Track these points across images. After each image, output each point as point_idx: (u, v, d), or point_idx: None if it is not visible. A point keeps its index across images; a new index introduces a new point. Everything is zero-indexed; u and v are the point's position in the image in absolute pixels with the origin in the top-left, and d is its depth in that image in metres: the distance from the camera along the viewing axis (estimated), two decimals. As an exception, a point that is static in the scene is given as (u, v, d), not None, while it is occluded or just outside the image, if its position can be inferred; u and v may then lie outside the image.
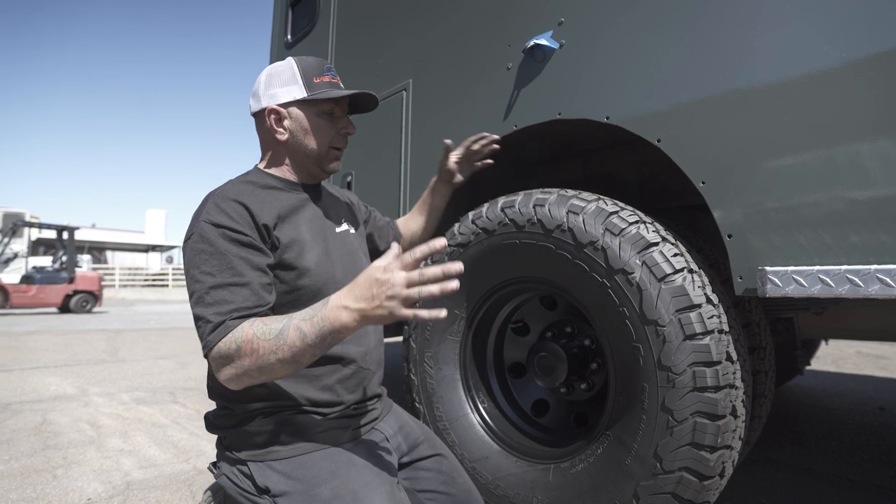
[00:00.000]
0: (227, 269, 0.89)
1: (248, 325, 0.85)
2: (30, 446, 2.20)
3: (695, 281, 1.03)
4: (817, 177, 0.92)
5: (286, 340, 0.80)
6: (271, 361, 0.81)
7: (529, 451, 1.31)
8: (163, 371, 4.14)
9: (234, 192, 0.96)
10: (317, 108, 1.05)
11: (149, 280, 24.50)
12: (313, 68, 1.05)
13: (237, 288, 0.88)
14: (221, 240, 0.90)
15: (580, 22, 1.31)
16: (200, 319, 0.87)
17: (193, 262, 0.90)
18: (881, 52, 0.86)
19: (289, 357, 0.81)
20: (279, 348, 0.81)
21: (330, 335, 0.79)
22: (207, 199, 0.97)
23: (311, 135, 1.05)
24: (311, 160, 1.07)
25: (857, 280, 0.85)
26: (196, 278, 0.89)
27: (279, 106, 1.03)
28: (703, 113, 1.07)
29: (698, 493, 0.99)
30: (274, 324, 0.83)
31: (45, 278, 11.11)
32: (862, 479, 1.88)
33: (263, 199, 0.98)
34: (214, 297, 0.87)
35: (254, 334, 0.82)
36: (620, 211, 1.13)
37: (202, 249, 0.90)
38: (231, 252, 0.90)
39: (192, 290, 0.89)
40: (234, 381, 0.86)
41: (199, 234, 0.91)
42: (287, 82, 1.04)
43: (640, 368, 1.03)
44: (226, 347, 0.83)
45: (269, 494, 0.92)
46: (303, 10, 2.62)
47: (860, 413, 2.80)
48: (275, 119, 1.04)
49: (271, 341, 0.81)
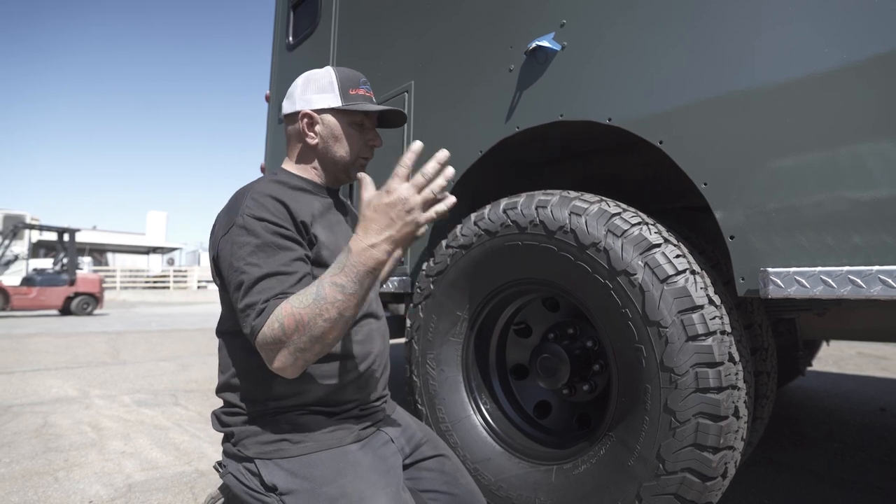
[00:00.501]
0: (273, 259, 0.90)
1: (280, 302, 0.85)
2: (31, 449, 2.20)
3: (697, 282, 1.04)
4: (819, 178, 0.92)
5: (326, 299, 0.81)
6: (320, 325, 0.81)
7: (532, 453, 1.31)
8: (164, 373, 4.14)
9: (270, 189, 0.98)
10: (349, 118, 1.08)
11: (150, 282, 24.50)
12: (350, 80, 1.09)
13: (284, 276, 0.89)
14: (266, 233, 0.91)
15: (582, 24, 1.31)
16: (249, 307, 0.87)
17: (238, 255, 0.90)
18: (882, 54, 0.86)
19: (335, 314, 0.81)
20: (323, 309, 0.81)
21: (367, 276, 0.82)
22: (242, 195, 0.98)
23: (341, 142, 1.08)
24: (338, 167, 1.10)
25: (858, 281, 0.85)
26: (242, 270, 0.89)
27: (313, 111, 1.06)
28: (705, 114, 1.07)
29: (701, 494, 0.99)
30: (308, 291, 0.83)
31: (45, 280, 11.11)
32: (864, 480, 1.88)
33: (296, 198, 1.01)
34: (263, 286, 0.87)
35: (291, 307, 0.82)
36: (623, 212, 1.13)
37: (247, 242, 0.90)
38: (276, 244, 0.91)
39: (239, 280, 0.89)
40: (291, 363, 0.84)
41: (241, 227, 0.91)
42: (323, 89, 1.07)
43: (642, 370, 1.03)
44: (269, 331, 0.83)
45: (277, 493, 0.92)
46: (304, 12, 2.63)
47: (861, 414, 2.80)
48: (307, 123, 1.07)
49: (311, 306, 0.81)
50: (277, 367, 0.85)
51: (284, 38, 2.78)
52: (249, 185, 1.02)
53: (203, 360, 4.87)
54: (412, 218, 0.80)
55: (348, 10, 2.26)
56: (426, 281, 1.48)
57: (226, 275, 0.93)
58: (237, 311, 0.90)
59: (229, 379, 1.01)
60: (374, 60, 2.05)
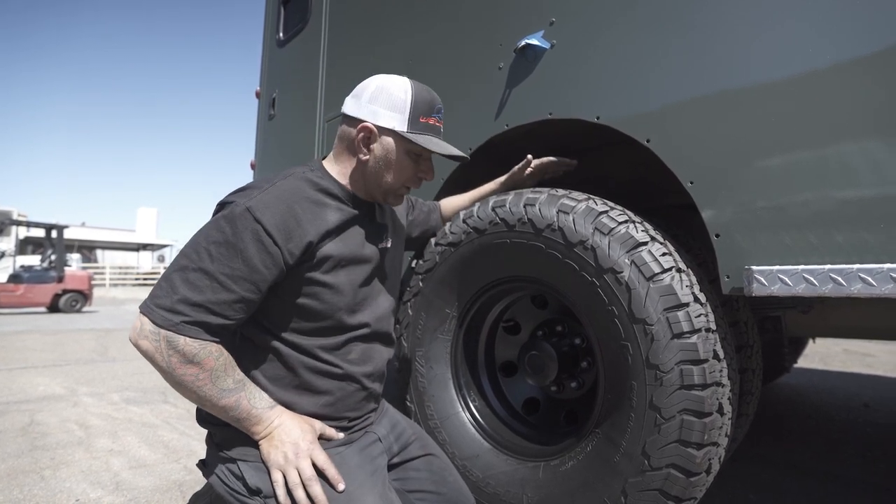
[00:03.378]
0: (228, 265, 0.87)
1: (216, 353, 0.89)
2: (17, 447, 2.18)
3: (683, 280, 1.05)
4: (803, 178, 0.93)
5: (223, 398, 0.89)
6: (192, 391, 0.88)
7: (520, 449, 1.32)
8: (153, 371, 4.09)
9: (293, 194, 0.94)
10: (409, 146, 1.01)
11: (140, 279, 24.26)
12: (425, 105, 1.00)
13: (219, 288, 0.87)
14: (249, 236, 0.87)
15: (571, 22, 1.32)
16: (170, 285, 0.87)
17: (208, 234, 0.89)
18: (868, 54, 0.87)
19: (206, 403, 0.90)
20: (212, 397, 0.89)
21: (242, 423, 0.92)
22: (266, 182, 0.95)
23: (391, 168, 1.02)
24: (379, 189, 1.04)
25: (839, 279, 0.87)
26: (198, 248, 0.88)
27: (375, 126, 0.99)
28: (692, 114, 1.08)
29: (685, 490, 1.00)
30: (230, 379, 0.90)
31: (33, 277, 10.96)
32: (847, 474, 1.91)
33: (320, 207, 0.97)
34: (196, 279, 0.86)
35: (212, 369, 0.88)
36: (610, 210, 1.14)
37: (223, 229, 0.88)
38: (245, 253, 0.87)
39: (186, 252, 0.88)
40: (146, 355, 0.88)
41: (235, 213, 0.88)
42: (394, 107, 0.99)
43: (628, 367, 1.04)
44: (183, 345, 0.86)
45: (261, 496, 0.91)
46: (295, 8, 2.61)
47: (846, 410, 2.85)
48: (363, 137, 1.00)
49: (216, 389, 0.89)
50: (141, 346, 0.87)
51: (275, 34, 2.75)
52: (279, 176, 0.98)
53: (193, 357, 4.83)
54: (278, 453, 0.91)
55: (339, 6, 2.24)
56: (415, 278, 1.48)
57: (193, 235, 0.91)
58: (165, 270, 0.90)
59: None
60: (364, 57, 2.04)
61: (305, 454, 0.90)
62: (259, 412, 0.91)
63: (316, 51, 2.34)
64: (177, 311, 0.86)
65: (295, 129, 2.51)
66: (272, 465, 0.90)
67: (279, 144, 2.66)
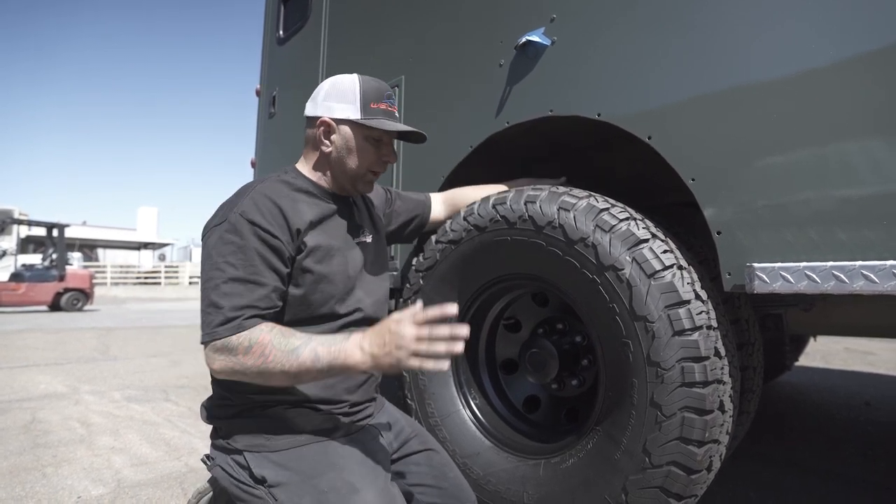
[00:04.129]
0: (250, 265, 0.93)
1: (266, 328, 0.90)
2: (19, 445, 2.18)
3: (684, 277, 1.04)
4: (805, 175, 0.93)
5: (298, 357, 0.87)
6: (274, 370, 0.87)
7: (520, 447, 1.32)
8: (155, 369, 4.11)
9: (272, 191, 1.00)
10: (366, 132, 1.07)
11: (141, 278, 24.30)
12: (374, 92, 1.07)
13: (254, 286, 0.92)
14: (252, 236, 0.94)
15: (572, 19, 1.31)
16: (213, 305, 0.90)
17: (219, 250, 0.93)
18: (868, 52, 0.87)
19: (293, 372, 0.87)
20: (289, 362, 0.87)
21: (339, 367, 0.88)
22: (244, 192, 1.00)
23: (353, 155, 1.07)
24: (346, 177, 1.10)
25: (842, 276, 0.86)
26: (218, 265, 0.92)
27: (331, 119, 1.06)
28: (694, 111, 1.08)
29: (686, 487, 1.00)
30: (292, 339, 0.89)
31: (34, 276, 10.98)
32: (848, 472, 1.91)
33: (297, 202, 1.02)
34: (232, 289, 0.91)
35: (270, 341, 0.88)
36: (611, 208, 1.14)
37: (231, 241, 0.93)
38: (258, 251, 0.93)
39: (210, 275, 0.92)
40: (226, 373, 0.90)
41: (232, 224, 0.94)
42: (345, 99, 1.06)
43: (629, 364, 1.04)
44: (237, 342, 0.88)
45: (266, 485, 0.93)
46: (295, 6, 2.61)
47: (847, 408, 2.84)
48: (324, 131, 1.07)
49: (284, 353, 0.87)
50: (214, 368, 0.90)
51: (275, 32, 2.75)
52: (254, 183, 1.03)
53: (194, 356, 4.84)
54: (398, 354, 0.83)
55: (339, 4, 2.24)
56: (416, 276, 1.48)
57: (202, 264, 0.95)
58: (202, 303, 0.92)
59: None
60: (364, 55, 2.04)
61: (400, 337, 0.84)
62: (339, 346, 0.87)
63: (316, 48, 2.33)
64: (232, 319, 0.89)
65: (295, 127, 2.51)
66: (406, 365, 0.84)
67: (279, 142, 2.66)
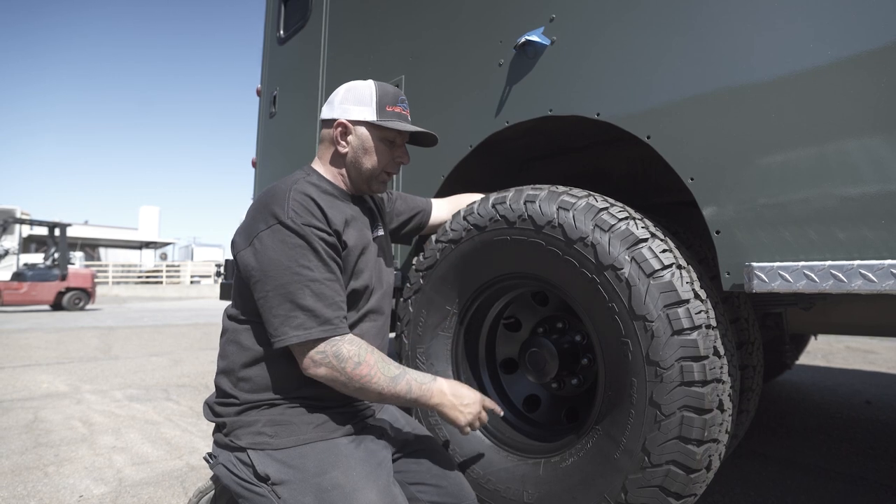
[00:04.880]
0: (324, 265, 0.98)
1: (366, 347, 0.98)
2: (21, 444, 2.19)
3: (683, 277, 1.04)
4: (804, 174, 0.93)
5: (396, 386, 0.98)
6: (373, 390, 0.97)
7: (520, 446, 1.32)
8: (156, 368, 4.12)
9: (310, 192, 1.03)
10: (381, 133, 1.11)
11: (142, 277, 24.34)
12: (389, 96, 1.11)
13: (334, 283, 0.98)
14: (315, 238, 0.97)
15: (571, 18, 1.31)
16: (304, 310, 0.93)
17: (288, 254, 0.96)
18: (868, 51, 0.87)
19: (386, 394, 0.98)
20: (388, 388, 0.97)
21: (421, 402, 1.01)
22: (280, 194, 1.01)
23: (369, 155, 1.11)
24: (362, 177, 1.13)
25: (840, 275, 0.86)
26: (294, 270, 0.95)
27: (348, 121, 1.10)
28: (693, 110, 1.08)
29: (685, 486, 1.00)
30: (391, 366, 0.99)
31: (36, 275, 11.01)
32: (848, 471, 1.91)
33: (330, 204, 1.05)
34: (317, 290, 0.95)
35: (375, 363, 0.97)
36: (610, 207, 1.14)
37: (297, 244, 0.96)
38: (323, 250, 0.98)
39: (287, 280, 0.95)
40: (327, 380, 0.96)
41: (289, 227, 0.96)
42: (362, 102, 1.10)
43: (628, 363, 1.04)
44: (347, 353, 0.95)
45: (269, 483, 0.94)
46: (295, 6, 2.61)
47: (848, 407, 2.84)
48: (341, 132, 1.10)
49: (386, 378, 0.97)
50: (319, 374, 0.95)
51: (275, 32, 2.75)
52: (288, 184, 1.05)
53: (195, 355, 4.85)
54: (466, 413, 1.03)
55: (339, 3, 2.24)
56: (416, 275, 1.48)
57: (267, 269, 0.96)
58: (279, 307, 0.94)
59: (229, 365, 1.03)
60: (364, 54, 2.04)
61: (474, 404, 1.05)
62: (428, 386, 1.01)
63: (316, 48, 2.34)
64: (329, 320, 0.95)
65: (296, 126, 2.51)
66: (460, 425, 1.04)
67: (280, 142, 2.66)
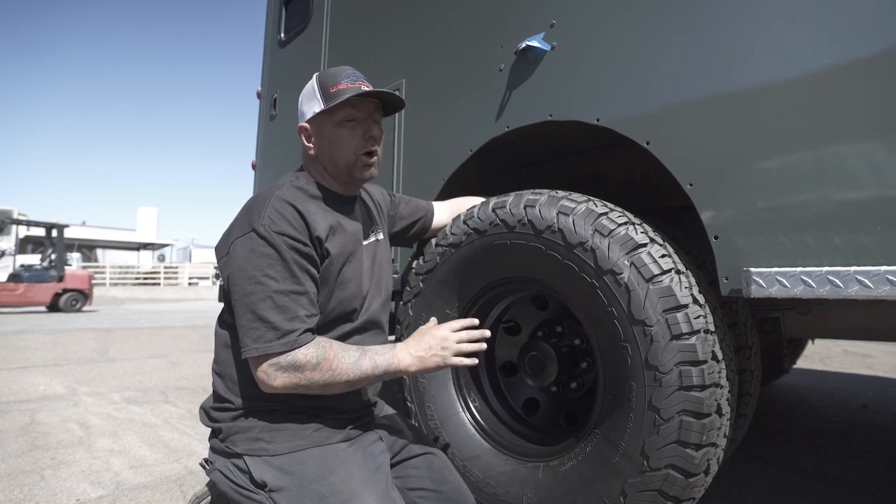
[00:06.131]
0: (290, 276, 0.94)
1: (325, 343, 0.95)
2: (17, 447, 2.18)
3: (682, 282, 1.05)
4: (802, 181, 0.94)
5: (361, 367, 0.95)
6: (339, 381, 0.93)
7: (520, 450, 1.32)
8: (154, 370, 4.11)
9: (292, 198, 0.99)
10: (335, 117, 1.04)
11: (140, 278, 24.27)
12: (329, 78, 1.04)
13: (298, 296, 0.94)
14: (284, 247, 0.94)
15: (572, 24, 1.32)
16: (261, 320, 0.91)
17: (255, 263, 0.93)
18: (865, 57, 0.88)
19: (354, 380, 0.95)
20: (353, 372, 0.94)
21: (391, 373, 0.97)
22: (262, 200, 0.99)
23: (335, 145, 1.05)
24: (340, 171, 1.08)
25: (837, 281, 0.87)
26: (257, 279, 0.92)
27: (305, 123, 1.07)
28: (692, 116, 1.09)
29: (684, 490, 1.00)
30: (350, 350, 0.96)
31: (33, 276, 10.97)
32: (846, 475, 1.92)
33: (315, 209, 1.02)
34: (279, 302, 0.92)
35: (335, 355, 0.94)
36: (610, 212, 1.15)
37: (266, 252, 0.93)
38: (293, 260, 0.94)
39: (251, 290, 0.92)
40: (288, 388, 0.93)
41: (262, 236, 0.94)
42: (309, 98, 1.06)
43: (628, 367, 1.05)
44: (304, 359, 0.91)
45: (266, 489, 0.93)
46: (296, 9, 2.62)
47: (845, 411, 2.85)
48: (304, 136, 1.08)
49: (348, 365, 0.94)
50: (275, 384, 0.91)
51: (276, 35, 2.76)
52: (271, 189, 1.03)
53: (193, 357, 4.84)
54: (443, 353, 0.99)
55: (340, 7, 2.25)
56: (416, 279, 1.48)
57: (234, 277, 0.94)
58: (242, 316, 0.93)
59: (225, 372, 1.02)
60: (365, 58, 2.05)
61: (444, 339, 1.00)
62: (393, 354, 0.98)
63: (317, 52, 2.34)
64: (287, 333, 0.91)
65: (295, 129, 2.51)
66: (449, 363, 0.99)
67: (280, 144, 2.67)
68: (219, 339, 1.06)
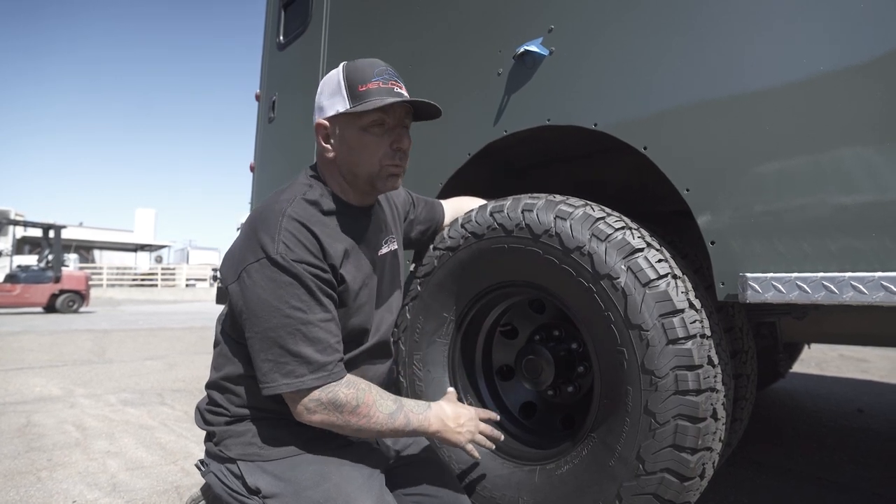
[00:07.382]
0: (317, 304, 0.90)
1: (363, 385, 0.94)
2: (13, 448, 2.17)
3: (678, 286, 1.06)
4: (798, 186, 0.95)
5: (395, 422, 0.95)
6: (372, 429, 0.93)
7: (516, 453, 1.33)
8: (151, 372, 4.10)
9: (304, 217, 0.91)
10: (361, 121, 0.93)
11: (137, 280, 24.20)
12: (360, 73, 0.92)
13: (328, 323, 0.91)
14: (307, 275, 0.89)
15: (570, 29, 1.33)
16: (295, 356, 0.87)
17: (277, 294, 0.87)
18: (863, 62, 0.88)
19: (385, 432, 0.95)
20: (386, 424, 0.94)
21: (420, 432, 0.99)
22: (274, 218, 0.90)
23: (357, 153, 0.95)
24: (361, 180, 0.98)
25: (832, 287, 0.88)
26: (285, 313, 0.87)
27: (325, 120, 0.95)
28: (689, 121, 1.09)
29: (679, 494, 1.01)
30: (388, 401, 0.96)
31: (30, 277, 10.93)
32: (840, 479, 1.92)
33: (331, 229, 0.95)
34: (310, 335, 0.88)
35: (374, 401, 0.93)
36: (607, 217, 1.15)
37: (287, 282, 0.87)
38: (317, 287, 0.90)
39: (276, 323, 0.87)
40: (325, 425, 0.92)
41: (279, 266, 0.87)
42: (333, 92, 0.94)
43: (624, 372, 1.05)
44: (344, 398, 0.90)
45: (260, 496, 0.92)
46: (295, 12, 2.63)
47: (840, 415, 2.86)
48: (322, 136, 0.97)
49: (384, 416, 0.94)
50: (309, 419, 0.91)
51: (275, 37, 2.77)
52: (282, 204, 0.92)
53: (190, 359, 4.83)
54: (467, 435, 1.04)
55: (339, 10, 2.26)
56: (413, 282, 1.49)
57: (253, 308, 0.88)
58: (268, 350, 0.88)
59: (222, 378, 1.00)
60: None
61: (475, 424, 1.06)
62: (426, 415, 0.99)
63: (316, 55, 2.35)
64: (322, 366, 0.89)
65: (294, 132, 2.52)
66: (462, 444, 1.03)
67: (279, 147, 2.67)
68: (218, 346, 1.04)
